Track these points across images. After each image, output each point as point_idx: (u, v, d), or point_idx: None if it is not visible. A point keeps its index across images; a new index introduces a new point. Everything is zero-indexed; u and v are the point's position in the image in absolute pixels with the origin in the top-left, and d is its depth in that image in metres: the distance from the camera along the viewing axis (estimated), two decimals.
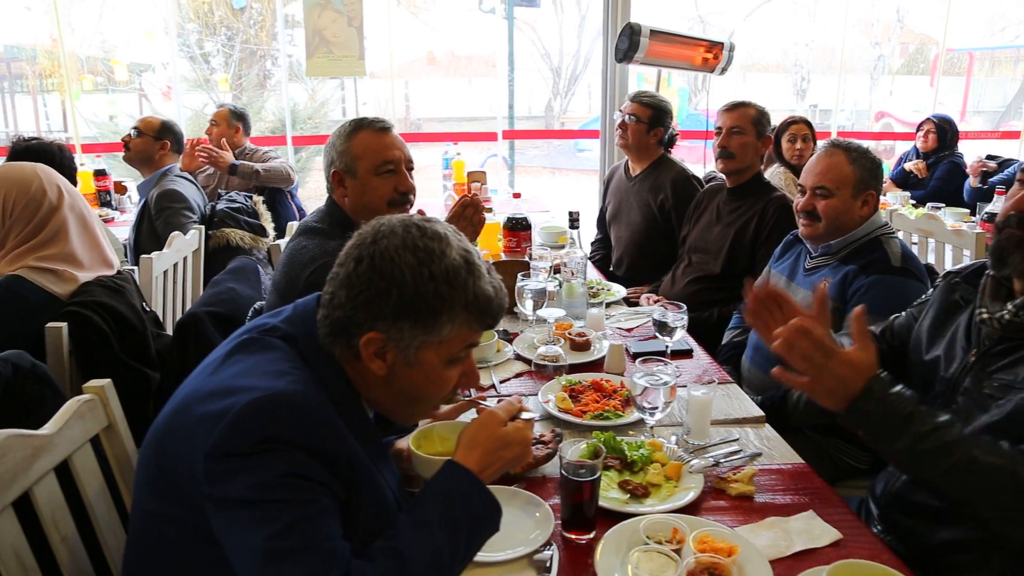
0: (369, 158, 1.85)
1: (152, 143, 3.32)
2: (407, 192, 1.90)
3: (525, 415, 1.19)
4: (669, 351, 1.96)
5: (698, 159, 4.80)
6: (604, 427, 1.65)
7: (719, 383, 1.88)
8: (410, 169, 1.92)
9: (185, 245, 2.82)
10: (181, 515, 1.05)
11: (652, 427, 1.64)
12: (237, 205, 3.26)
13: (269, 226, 3.37)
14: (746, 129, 2.71)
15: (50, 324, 1.93)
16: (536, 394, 1.82)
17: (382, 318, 1.06)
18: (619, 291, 2.59)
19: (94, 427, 1.37)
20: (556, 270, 2.48)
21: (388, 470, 1.20)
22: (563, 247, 3.15)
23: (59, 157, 2.70)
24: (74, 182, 2.80)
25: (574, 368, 1.97)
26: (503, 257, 2.36)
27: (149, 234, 3.20)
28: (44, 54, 8.79)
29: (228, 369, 1.08)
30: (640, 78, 6.70)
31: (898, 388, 1.26)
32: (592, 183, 10.68)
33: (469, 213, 2.03)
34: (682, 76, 9.25)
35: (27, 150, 2.63)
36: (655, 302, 2.67)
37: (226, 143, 3.90)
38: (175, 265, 2.75)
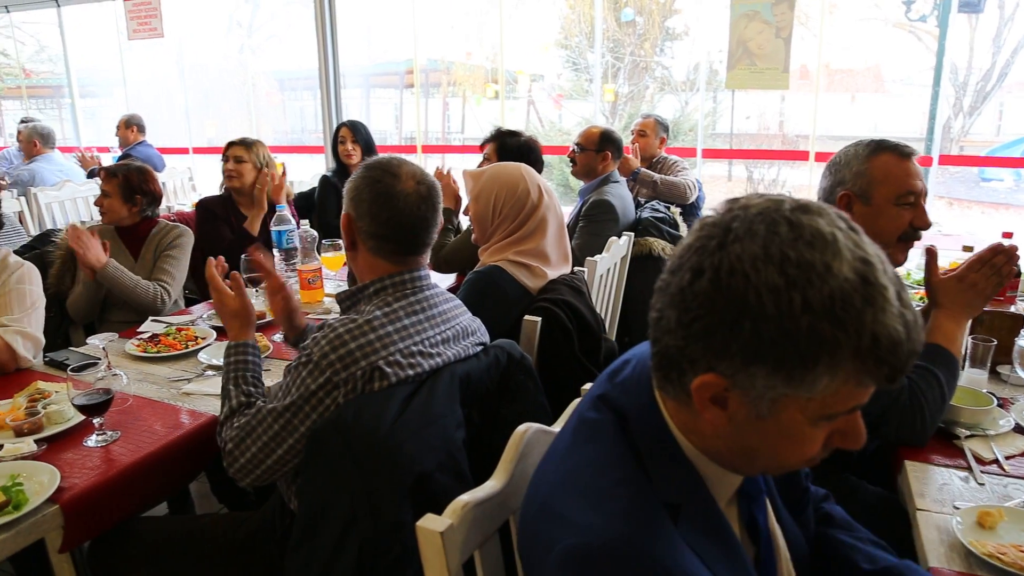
0: (891, 185, 1.69)
1: (594, 156, 3.41)
2: (923, 228, 1.69)
3: None
4: None
5: None
6: None
7: None
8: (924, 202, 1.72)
9: (618, 250, 2.89)
10: None
11: None
12: (660, 215, 3.29)
13: None
14: None
15: (527, 317, 2.03)
16: None
17: (726, 357, 0.76)
18: None
19: None
20: None
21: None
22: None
23: (535, 152, 3.04)
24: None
25: None
26: None
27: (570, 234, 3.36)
28: (458, 66, 10.06)
29: (566, 461, 0.93)
30: None
31: None
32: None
33: (999, 261, 1.64)
34: None
35: (519, 143, 3.03)
36: None
37: (636, 151, 3.93)
38: (608, 269, 2.83)
